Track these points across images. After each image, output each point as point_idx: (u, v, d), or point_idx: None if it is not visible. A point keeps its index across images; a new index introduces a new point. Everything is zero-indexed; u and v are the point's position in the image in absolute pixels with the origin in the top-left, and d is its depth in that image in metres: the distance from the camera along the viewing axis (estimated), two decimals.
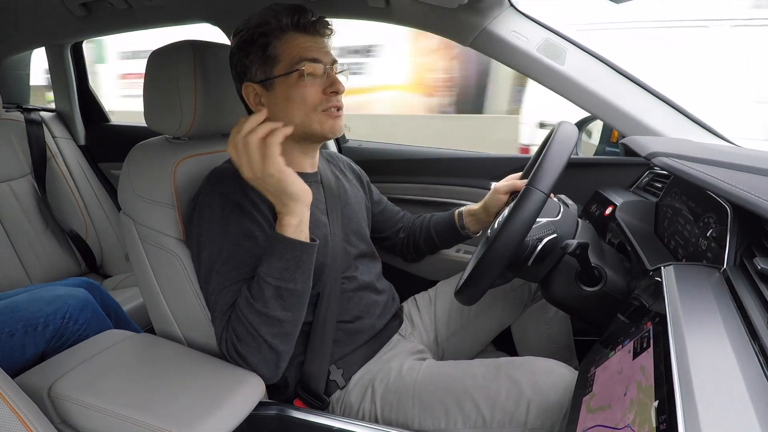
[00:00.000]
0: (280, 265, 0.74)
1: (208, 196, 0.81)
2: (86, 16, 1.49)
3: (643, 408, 0.44)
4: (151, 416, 0.66)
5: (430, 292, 1.16)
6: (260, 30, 0.82)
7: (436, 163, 1.48)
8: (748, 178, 0.67)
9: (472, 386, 0.81)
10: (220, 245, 0.78)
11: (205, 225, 0.80)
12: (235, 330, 0.76)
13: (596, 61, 1.11)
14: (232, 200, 0.79)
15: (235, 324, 0.75)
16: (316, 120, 0.83)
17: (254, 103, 0.86)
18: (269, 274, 0.74)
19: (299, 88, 0.82)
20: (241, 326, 0.75)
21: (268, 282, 0.74)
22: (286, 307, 0.76)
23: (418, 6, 1.13)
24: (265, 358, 0.76)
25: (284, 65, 0.82)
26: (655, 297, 0.62)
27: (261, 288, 0.74)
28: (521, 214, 0.71)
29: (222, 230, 0.79)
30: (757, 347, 0.45)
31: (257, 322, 0.74)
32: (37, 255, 1.60)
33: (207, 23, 1.42)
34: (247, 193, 0.80)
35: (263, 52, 0.82)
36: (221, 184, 0.81)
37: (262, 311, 0.74)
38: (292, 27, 0.82)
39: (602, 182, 1.19)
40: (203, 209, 0.81)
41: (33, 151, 1.67)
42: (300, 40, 0.82)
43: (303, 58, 0.81)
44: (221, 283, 0.78)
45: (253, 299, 0.74)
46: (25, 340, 0.96)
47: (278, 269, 0.74)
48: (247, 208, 0.80)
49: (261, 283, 0.74)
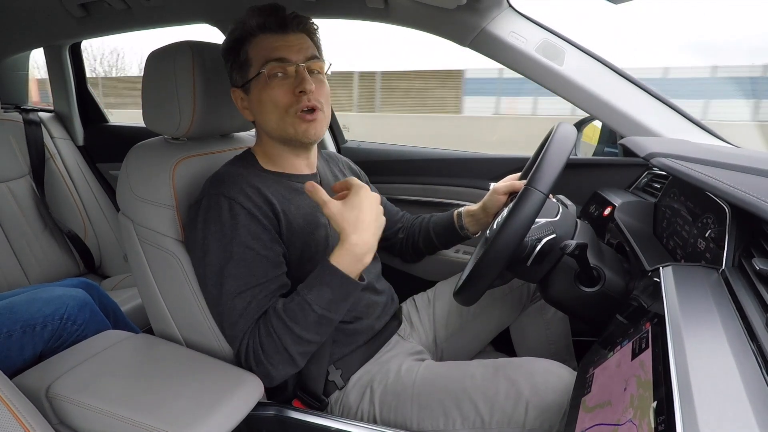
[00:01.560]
0: (330, 297, 0.74)
1: (212, 199, 0.80)
2: (84, 17, 1.49)
3: (643, 402, 0.44)
4: (150, 417, 0.66)
5: (429, 293, 1.16)
6: (233, 35, 0.84)
7: (435, 163, 1.48)
8: (746, 178, 0.67)
9: (470, 387, 0.81)
10: (229, 248, 0.78)
11: (212, 228, 0.79)
12: (262, 344, 0.76)
13: (595, 62, 1.11)
14: (237, 203, 0.79)
15: (264, 338, 0.75)
16: (289, 123, 0.82)
17: (241, 107, 0.88)
18: (317, 303, 0.74)
19: (268, 90, 0.81)
20: (271, 342, 0.75)
21: (314, 310, 0.74)
22: (321, 333, 0.77)
23: (416, 6, 1.13)
24: (285, 369, 0.78)
25: (255, 68, 0.82)
26: (653, 297, 0.62)
27: (305, 314, 0.74)
28: (520, 214, 0.71)
29: (230, 233, 0.78)
30: (756, 348, 0.45)
31: (289, 342, 0.75)
32: (35, 255, 1.60)
33: (206, 24, 1.42)
34: (250, 195, 0.80)
35: (237, 57, 0.83)
36: (224, 186, 0.81)
37: (298, 333, 0.74)
38: (259, 29, 0.82)
39: (601, 183, 1.19)
40: (208, 212, 0.80)
41: (31, 151, 1.67)
42: (268, 40, 0.82)
43: (268, 59, 0.81)
44: (236, 288, 0.77)
45: (291, 321, 0.74)
46: (23, 341, 0.96)
47: (327, 300, 0.74)
48: (253, 211, 0.80)
49: (305, 308, 0.74)
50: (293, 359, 0.76)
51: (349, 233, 0.73)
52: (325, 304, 0.74)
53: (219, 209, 0.79)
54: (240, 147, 1.03)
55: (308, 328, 0.75)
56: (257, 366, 0.77)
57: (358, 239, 0.73)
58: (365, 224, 0.73)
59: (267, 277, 0.78)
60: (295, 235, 0.84)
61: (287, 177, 0.89)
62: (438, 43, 1.16)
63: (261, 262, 0.78)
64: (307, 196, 0.88)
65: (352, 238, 0.73)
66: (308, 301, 0.74)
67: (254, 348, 0.76)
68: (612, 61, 1.11)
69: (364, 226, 0.73)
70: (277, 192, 0.84)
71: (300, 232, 0.85)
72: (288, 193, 0.86)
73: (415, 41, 3.68)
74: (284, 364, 0.77)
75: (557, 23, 1.13)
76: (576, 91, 1.09)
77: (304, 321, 0.74)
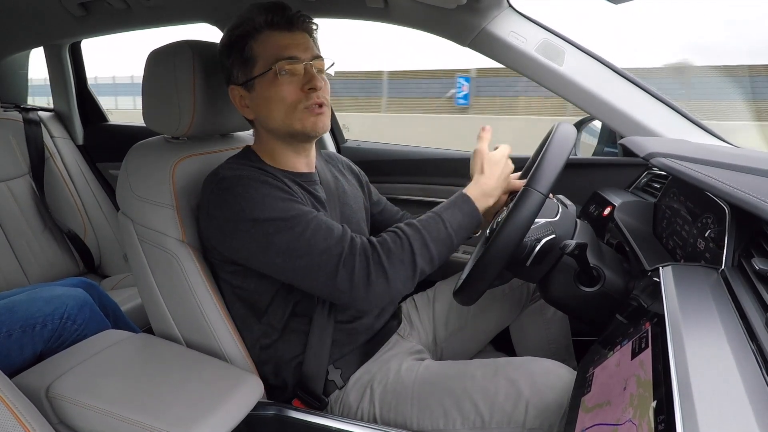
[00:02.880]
0: (460, 220, 0.81)
1: (224, 182, 0.79)
2: (84, 16, 1.48)
3: (643, 401, 0.44)
4: (150, 416, 0.66)
5: (429, 293, 1.16)
6: (237, 31, 0.82)
7: (435, 163, 1.48)
8: (746, 178, 0.67)
9: (470, 386, 0.81)
10: (279, 207, 0.76)
11: (238, 205, 0.76)
12: (389, 249, 0.76)
13: (595, 62, 1.11)
14: (252, 179, 0.78)
15: (391, 243, 0.76)
16: (297, 118, 0.82)
17: (240, 105, 0.87)
18: (450, 222, 0.79)
19: (276, 87, 0.81)
20: (399, 247, 0.76)
21: (446, 227, 0.79)
22: (442, 253, 0.79)
23: (416, 6, 1.13)
24: (404, 281, 0.77)
25: (261, 65, 0.82)
26: (653, 297, 0.62)
27: (438, 227, 0.79)
28: (520, 214, 0.71)
29: (266, 199, 0.76)
30: (755, 348, 0.45)
31: (419, 247, 0.77)
32: (35, 255, 1.60)
33: (206, 23, 1.42)
34: (260, 177, 0.80)
35: (241, 53, 0.82)
36: (231, 171, 0.80)
37: (427, 244, 0.77)
38: (266, 25, 0.82)
39: (601, 183, 1.19)
40: (224, 195, 0.77)
41: (31, 150, 1.67)
42: (276, 38, 0.82)
43: (278, 57, 0.81)
44: (317, 234, 0.75)
45: (425, 230, 0.78)
46: (23, 340, 0.96)
47: (458, 223, 0.80)
48: (271, 182, 0.80)
49: (439, 223, 0.79)
50: (415, 268, 0.76)
51: (480, 173, 0.86)
52: (456, 226, 0.79)
53: (238, 185, 0.77)
54: (240, 146, 1.03)
55: (437, 241, 0.78)
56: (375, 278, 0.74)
57: (485, 180, 0.85)
58: (493, 173, 0.86)
59: (331, 221, 0.78)
60: None
61: (290, 174, 0.89)
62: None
63: (312, 212, 0.78)
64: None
65: (481, 178, 0.85)
66: (443, 218, 0.79)
67: (377, 258, 0.75)
68: (612, 61, 1.11)
69: (491, 173, 0.86)
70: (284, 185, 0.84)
71: None
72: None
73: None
74: (405, 273, 0.76)
75: (557, 23, 1.13)
76: (576, 91, 1.09)
77: (436, 233, 0.78)
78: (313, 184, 0.92)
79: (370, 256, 0.75)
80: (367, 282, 0.74)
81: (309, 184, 0.90)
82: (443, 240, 0.79)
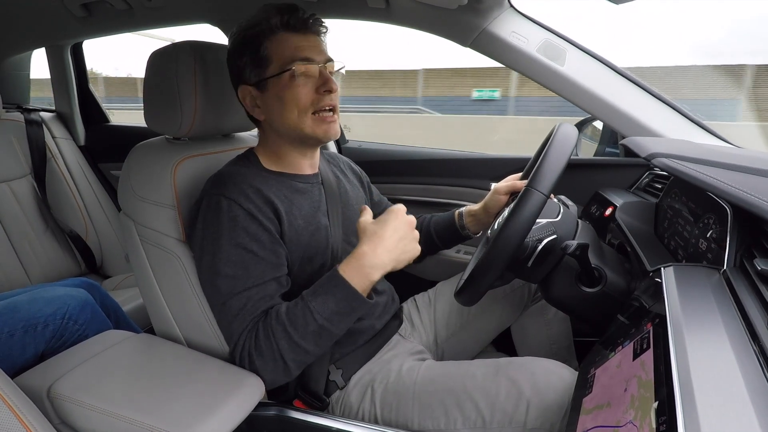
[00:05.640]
0: (334, 308, 0.74)
1: (212, 199, 0.81)
2: (86, 17, 1.49)
3: (644, 403, 0.44)
4: (151, 417, 0.66)
5: (430, 293, 1.16)
6: (252, 31, 0.82)
7: (436, 163, 1.48)
8: (747, 179, 0.67)
9: (471, 387, 0.80)
10: (227, 249, 0.78)
11: (210, 228, 0.79)
12: (258, 346, 0.75)
13: (596, 62, 1.11)
14: (237, 204, 0.79)
15: (261, 341, 0.75)
16: (308, 123, 0.83)
17: (250, 105, 0.86)
18: (320, 312, 0.73)
19: (291, 89, 0.81)
20: (268, 345, 0.75)
21: (315, 319, 0.73)
22: (320, 344, 0.76)
23: (417, 6, 1.13)
24: (277, 376, 0.77)
25: (276, 66, 0.82)
26: (655, 298, 0.62)
27: (306, 321, 0.73)
28: (521, 214, 0.71)
29: (228, 234, 0.78)
30: (757, 348, 0.44)
31: (286, 348, 0.74)
32: (36, 255, 1.60)
33: (207, 23, 1.42)
34: (251, 196, 0.80)
35: (256, 53, 0.82)
36: (224, 187, 0.81)
37: (295, 340, 0.74)
38: (282, 27, 0.82)
39: (602, 183, 1.19)
40: (208, 212, 0.80)
41: (33, 151, 1.67)
42: (292, 39, 0.82)
43: (294, 58, 0.81)
44: (232, 288, 0.77)
45: (291, 327, 0.74)
46: (25, 341, 0.96)
47: (331, 311, 0.74)
48: (253, 212, 0.80)
49: (307, 316, 0.73)
50: (287, 367, 0.76)
51: (363, 242, 0.75)
52: (327, 315, 0.73)
53: (218, 210, 0.79)
54: (241, 147, 1.03)
55: (306, 336, 0.74)
56: (250, 368, 0.77)
57: (368, 250, 0.74)
58: (383, 240, 0.74)
59: (264, 279, 0.78)
60: (296, 236, 0.84)
61: (290, 177, 0.89)
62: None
63: (259, 263, 0.78)
64: (309, 196, 0.89)
65: (363, 247, 0.74)
66: (311, 308, 0.73)
67: (249, 350, 0.76)
68: (613, 61, 1.11)
69: (381, 241, 0.74)
70: (279, 192, 0.85)
71: (301, 233, 0.85)
72: (290, 193, 0.86)
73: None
74: (277, 370, 0.76)
75: (558, 23, 1.13)
76: (577, 92, 1.09)
77: (303, 328, 0.73)
78: (316, 185, 0.92)
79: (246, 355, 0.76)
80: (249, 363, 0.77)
81: (312, 185, 0.91)
82: (315, 332, 0.74)
